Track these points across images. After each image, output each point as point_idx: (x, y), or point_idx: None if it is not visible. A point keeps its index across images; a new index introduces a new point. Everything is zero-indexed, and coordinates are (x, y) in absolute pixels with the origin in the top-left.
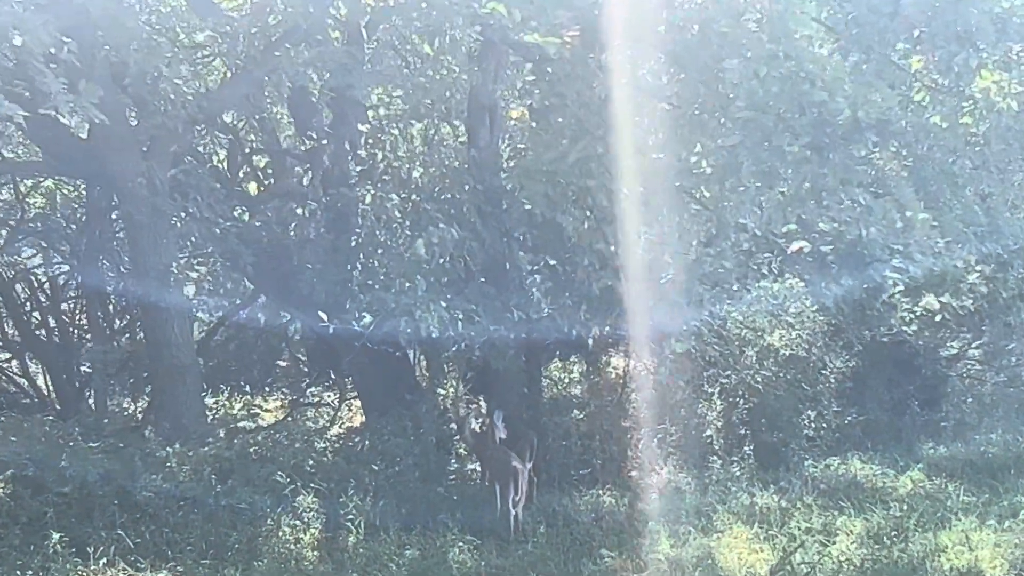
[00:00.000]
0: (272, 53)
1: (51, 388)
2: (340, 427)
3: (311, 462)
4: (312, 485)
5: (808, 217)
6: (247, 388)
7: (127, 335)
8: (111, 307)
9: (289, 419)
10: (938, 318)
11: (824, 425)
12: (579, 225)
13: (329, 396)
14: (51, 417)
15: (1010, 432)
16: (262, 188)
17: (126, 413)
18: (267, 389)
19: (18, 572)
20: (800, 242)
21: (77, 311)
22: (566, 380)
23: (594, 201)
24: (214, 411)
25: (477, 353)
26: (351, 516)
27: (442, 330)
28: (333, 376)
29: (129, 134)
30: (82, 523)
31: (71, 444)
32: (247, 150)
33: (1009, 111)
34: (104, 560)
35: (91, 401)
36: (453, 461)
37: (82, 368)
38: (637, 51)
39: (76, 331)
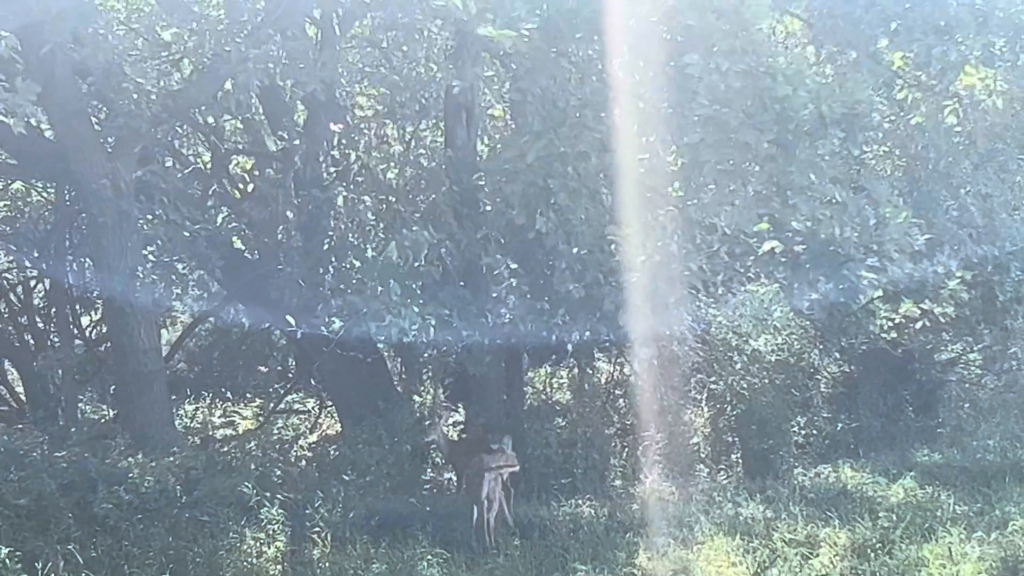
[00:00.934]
0: (239, 50)
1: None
2: (318, 435)
3: (279, 472)
4: (279, 496)
5: (779, 216)
6: (228, 395)
7: (108, 342)
8: (87, 312)
9: (259, 429)
10: (919, 325)
11: (815, 432)
12: (552, 227)
13: (309, 404)
14: (20, 425)
15: (1007, 438)
16: (243, 191)
17: (102, 421)
18: (249, 396)
19: None
20: (772, 242)
21: (51, 316)
22: (553, 387)
23: (557, 201)
24: (191, 418)
25: (453, 359)
26: (318, 528)
27: (416, 335)
28: (313, 383)
29: (93, 134)
30: (37, 537)
31: (34, 453)
32: (224, 150)
33: (995, 109)
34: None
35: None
36: (428, 471)
37: (55, 374)
38: (602, 45)
39: (50, 336)
